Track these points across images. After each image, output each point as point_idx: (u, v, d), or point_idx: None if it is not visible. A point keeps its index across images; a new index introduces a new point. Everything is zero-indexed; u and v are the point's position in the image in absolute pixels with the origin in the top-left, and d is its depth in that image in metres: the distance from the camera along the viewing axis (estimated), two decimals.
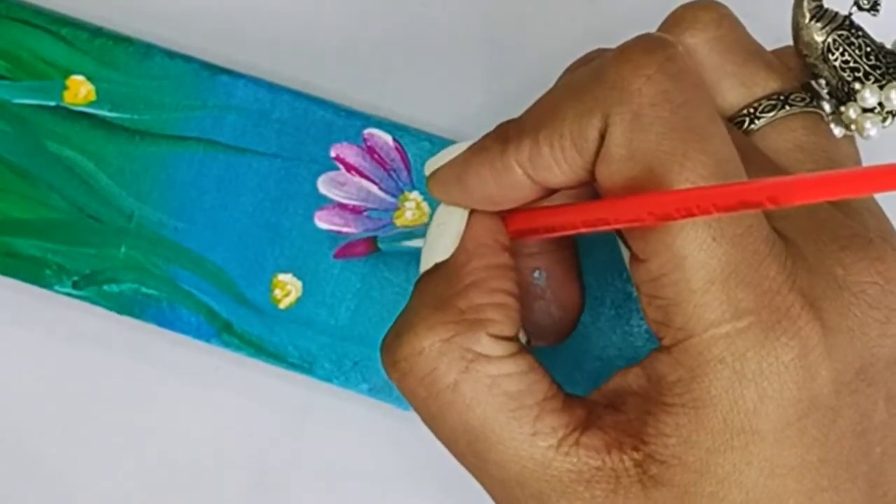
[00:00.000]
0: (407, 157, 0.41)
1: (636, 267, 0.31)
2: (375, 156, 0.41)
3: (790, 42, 0.36)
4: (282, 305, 0.41)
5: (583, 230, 0.31)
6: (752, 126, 0.35)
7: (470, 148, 0.33)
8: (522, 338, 0.34)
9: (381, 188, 0.41)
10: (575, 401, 0.33)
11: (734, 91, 0.36)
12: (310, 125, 0.41)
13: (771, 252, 0.30)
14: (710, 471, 0.30)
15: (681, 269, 0.30)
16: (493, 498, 0.33)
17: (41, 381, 0.42)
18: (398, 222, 0.41)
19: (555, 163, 0.32)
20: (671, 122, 0.30)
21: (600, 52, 0.35)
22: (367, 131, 0.41)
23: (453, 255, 0.33)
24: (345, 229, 0.41)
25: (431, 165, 0.34)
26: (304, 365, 0.41)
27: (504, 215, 0.34)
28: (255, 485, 0.42)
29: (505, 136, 0.32)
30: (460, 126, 0.42)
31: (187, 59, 0.41)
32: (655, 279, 0.31)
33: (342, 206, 0.41)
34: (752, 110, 0.35)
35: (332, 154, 0.41)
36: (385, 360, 0.33)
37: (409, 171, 0.41)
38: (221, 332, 0.41)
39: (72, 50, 0.41)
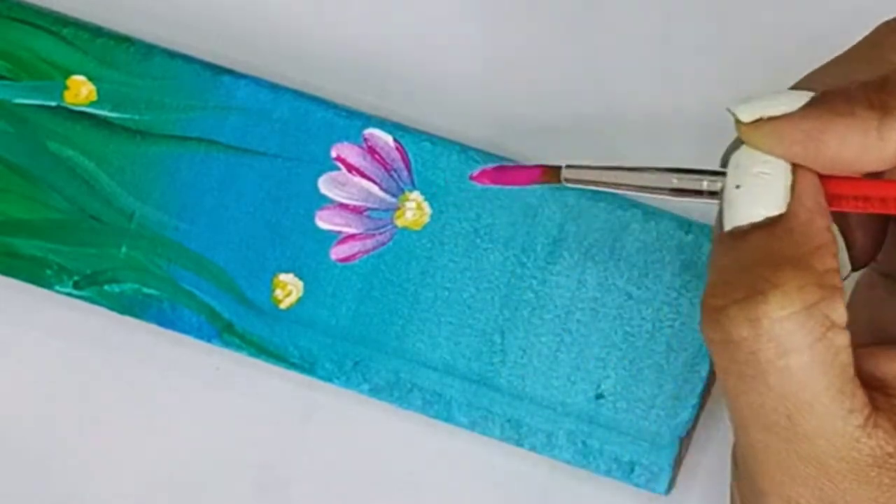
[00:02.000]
0: (407, 157, 0.41)
1: None
2: (376, 156, 0.41)
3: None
4: (283, 305, 0.41)
5: None
6: None
7: (827, 107, 0.31)
8: None
9: (381, 188, 0.41)
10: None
11: None
12: (311, 125, 0.41)
13: None
14: None
15: None
16: (769, 473, 0.31)
17: (42, 382, 0.42)
18: (399, 222, 0.41)
19: None
20: None
21: None
22: (367, 131, 0.41)
23: (791, 212, 0.31)
24: (345, 229, 0.41)
25: (752, 111, 0.31)
26: (305, 365, 0.41)
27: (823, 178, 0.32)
28: (257, 485, 0.42)
29: (883, 105, 0.30)
30: (461, 126, 0.42)
31: (188, 59, 0.41)
32: None
33: (343, 206, 0.41)
34: None
35: (333, 154, 0.41)
36: (734, 315, 0.30)
37: (409, 170, 0.41)
38: (223, 332, 0.41)
39: (73, 50, 0.41)
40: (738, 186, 0.31)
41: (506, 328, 0.40)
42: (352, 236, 0.41)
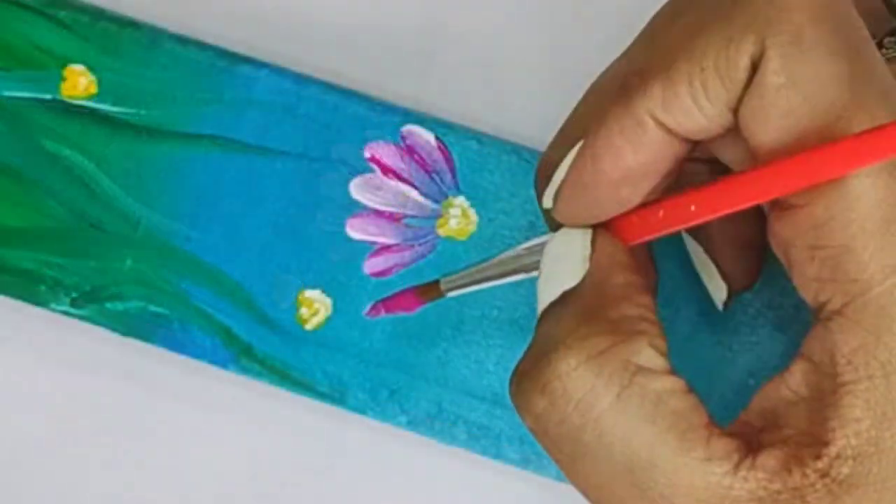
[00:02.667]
0: (451, 157, 0.40)
1: (790, 216, 0.30)
2: (415, 156, 0.41)
3: None
4: (309, 326, 0.40)
5: (727, 211, 0.30)
6: None
7: (588, 137, 0.32)
8: None
9: (421, 193, 0.40)
10: (731, 427, 0.31)
11: None
12: (341, 122, 0.41)
13: None
14: None
15: (854, 210, 0.29)
16: None
17: (36, 410, 0.42)
18: (441, 231, 0.40)
19: (694, 103, 0.30)
20: (834, 44, 0.29)
21: None
22: (405, 129, 0.41)
23: (586, 278, 0.32)
24: (380, 239, 0.40)
25: (550, 192, 0.33)
26: (334, 394, 0.40)
27: (621, 229, 0.33)
28: None
29: (626, 86, 0.31)
30: (512, 123, 0.41)
31: (201, 46, 0.41)
32: (821, 225, 0.29)
33: (378, 214, 0.40)
34: None
35: (367, 154, 0.41)
36: (526, 388, 0.31)
37: (453, 173, 0.40)
38: (240, 356, 0.40)
39: (70, 36, 0.41)
40: (539, 274, 0.33)
41: None
42: (387, 247, 0.40)
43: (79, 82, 0.41)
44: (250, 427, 0.41)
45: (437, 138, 0.40)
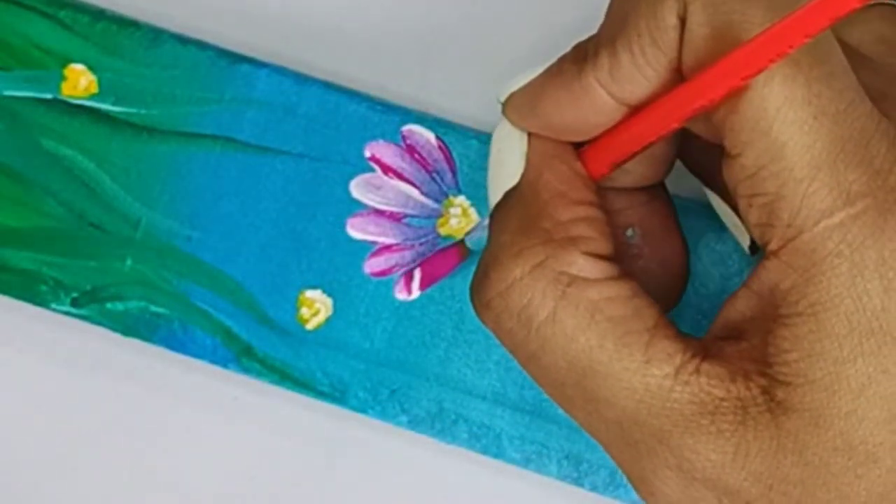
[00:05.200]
0: (452, 157, 0.40)
1: (729, 166, 0.31)
2: (416, 155, 0.40)
3: None
4: (309, 326, 0.40)
5: (672, 127, 0.31)
6: None
7: (546, 71, 0.34)
8: None
9: (422, 192, 0.40)
10: (690, 336, 0.32)
11: None
12: (341, 121, 0.41)
13: (878, 129, 0.30)
14: (842, 386, 0.30)
15: (782, 157, 0.30)
16: (608, 449, 0.33)
17: (37, 410, 0.42)
18: (442, 231, 0.40)
19: (637, 70, 0.31)
20: None
21: None
22: (406, 128, 0.41)
23: (523, 177, 0.33)
24: (381, 239, 0.40)
25: (507, 90, 0.34)
26: (334, 394, 0.40)
27: (581, 154, 0.34)
28: None
29: (581, 54, 0.32)
30: None
31: (202, 45, 0.41)
32: (753, 174, 0.30)
33: (378, 213, 0.40)
34: None
35: (367, 154, 0.40)
36: (476, 305, 0.33)
37: (454, 172, 0.40)
38: (241, 356, 0.40)
39: (71, 35, 0.41)
40: (487, 173, 0.35)
41: None
42: (388, 247, 0.40)
43: (79, 82, 0.41)
44: (250, 427, 0.42)
45: (437, 138, 0.40)
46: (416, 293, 0.39)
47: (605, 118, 0.32)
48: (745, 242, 0.37)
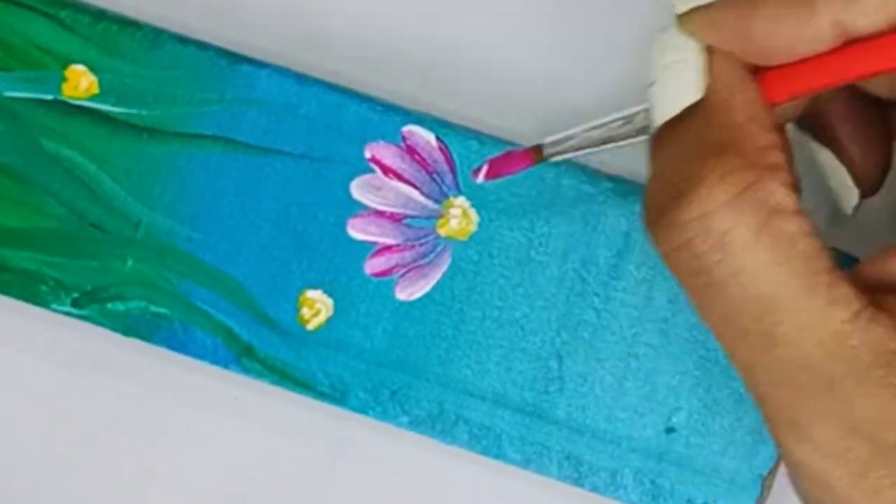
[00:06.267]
0: (452, 158, 0.40)
1: None
2: (416, 156, 0.40)
3: None
4: (310, 326, 0.40)
5: (884, 68, 0.30)
6: None
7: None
8: None
9: (422, 193, 0.40)
10: (854, 277, 0.31)
11: None
12: (342, 122, 0.40)
13: None
14: None
15: None
16: (763, 388, 0.31)
17: (37, 410, 0.42)
18: (442, 231, 0.40)
19: (884, 3, 0.30)
20: None
21: None
22: (406, 129, 0.40)
23: (710, 94, 0.32)
24: (381, 239, 0.40)
25: (688, 1, 0.32)
26: (335, 394, 0.40)
27: (760, 77, 0.32)
28: None
29: None
30: (513, 123, 0.41)
31: (202, 45, 0.41)
32: None
33: (378, 214, 0.40)
34: None
35: (368, 155, 0.40)
36: (663, 223, 0.31)
37: (454, 173, 0.40)
38: (241, 356, 0.40)
39: (71, 36, 0.41)
40: (652, 84, 0.33)
41: (564, 352, 0.40)
42: (388, 248, 0.40)
43: (80, 82, 0.40)
44: (251, 427, 0.42)
45: (437, 138, 0.40)
46: (481, 178, 0.38)
47: (819, 46, 0.31)
48: (852, 201, 0.36)
